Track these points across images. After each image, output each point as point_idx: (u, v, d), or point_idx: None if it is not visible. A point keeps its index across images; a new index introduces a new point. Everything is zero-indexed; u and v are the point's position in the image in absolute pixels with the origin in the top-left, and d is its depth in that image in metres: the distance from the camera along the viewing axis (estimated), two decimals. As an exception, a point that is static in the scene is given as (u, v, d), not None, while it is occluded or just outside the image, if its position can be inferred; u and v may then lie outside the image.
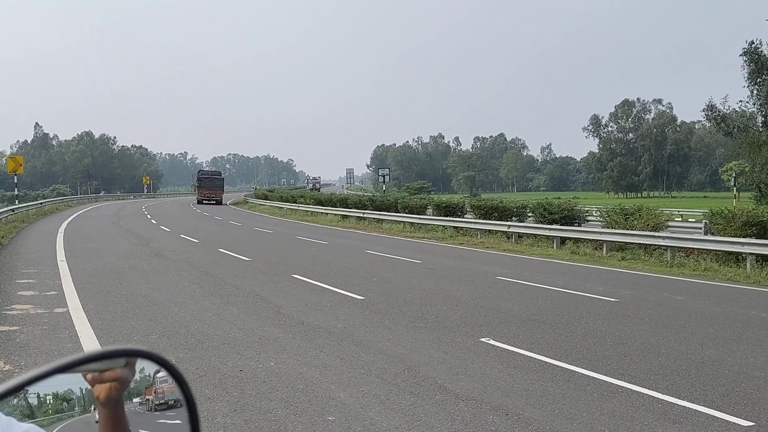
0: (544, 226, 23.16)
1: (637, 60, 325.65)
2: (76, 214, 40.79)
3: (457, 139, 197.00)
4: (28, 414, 1.05)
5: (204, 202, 59.31)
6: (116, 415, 1.04)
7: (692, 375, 6.61)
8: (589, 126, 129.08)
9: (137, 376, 1.08)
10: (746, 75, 40.79)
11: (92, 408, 1.05)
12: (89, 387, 1.03)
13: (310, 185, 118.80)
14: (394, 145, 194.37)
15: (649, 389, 6.05)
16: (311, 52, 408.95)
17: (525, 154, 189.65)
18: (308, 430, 4.90)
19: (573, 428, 5.02)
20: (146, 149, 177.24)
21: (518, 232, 23.78)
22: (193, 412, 1.10)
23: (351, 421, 5.10)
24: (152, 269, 14.50)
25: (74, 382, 1.05)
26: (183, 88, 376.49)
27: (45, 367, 1.00)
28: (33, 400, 1.05)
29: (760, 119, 42.05)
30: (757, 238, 16.46)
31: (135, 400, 1.09)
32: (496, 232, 24.99)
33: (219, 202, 60.32)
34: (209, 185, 61.66)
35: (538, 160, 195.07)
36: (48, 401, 1.05)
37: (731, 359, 7.32)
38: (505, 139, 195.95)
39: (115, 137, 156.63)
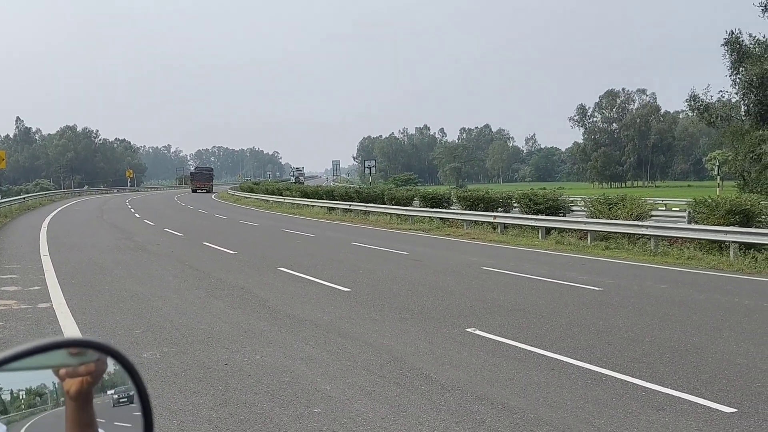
0: (530, 216, 23.24)
1: (621, 50, 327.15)
2: (59, 209, 40.44)
3: (442, 130, 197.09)
4: (1, 410, 1.04)
5: (198, 191, 73.98)
6: (84, 409, 1.03)
7: (675, 362, 6.67)
8: (575, 116, 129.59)
9: (111, 369, 1.07)
10: (728, 64, 41.10)
11: (63, 401, 1.03)
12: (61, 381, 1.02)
13: (292, 178, 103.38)
14: (381, 136, 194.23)
15: (632, 377, 6.11)
16: (296, 45, 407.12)
17: (510, 145, 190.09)
18: (294, 422, 4.89)
19: (557, 416, 5.06)
20: (129, 142, 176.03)
21: (504, 223, 23.85)
22: (146, 405, 1.09)
23: (337, 412, 5.10)
24: (136, 263, 14.41)
25: (47, 377, 1.04)
26: (166, 82, 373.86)
27: None
28: (6, 396, 1.04)
29: (742, 108, 42.41)
30: (740, 227, 16.62)
31: (109, 392, 1.08)
32: (482, 222, 25.05)
33: (210, 190, 75.45)
34: (200, 178, 79.49)
35: (523, 151, 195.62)
36: (21, 397, 1.04)
37: (714, 347, 7.39)
38: (491, 130, 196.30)
39: (97, 131, 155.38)
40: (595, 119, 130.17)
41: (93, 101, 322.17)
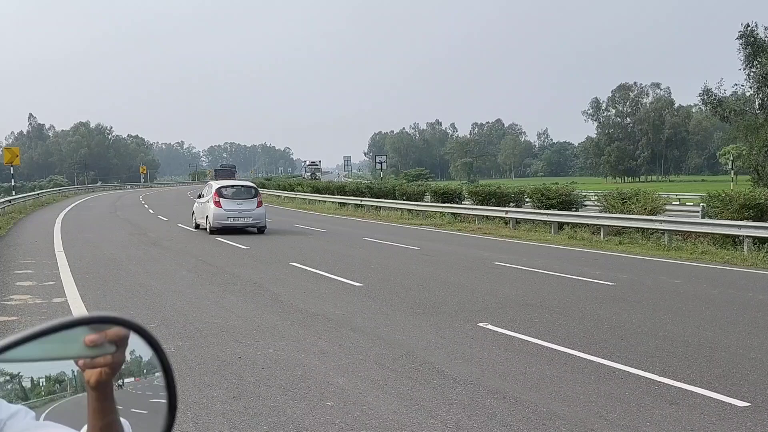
0: (542, 211, 23.17)
1: (635, 44, 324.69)
2: (73, 205, 40.74)
3: (453, 125, 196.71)
4: (22, 396, 1.06)
5: None
6: (105, 398, 1.05)
7: (689, 357, 6.64)
8: (589, 110, 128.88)
9: (128, 358, 1.09)
10: (742, 58, 40.71)
11: (83, 389, 1.05)
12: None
13: (308, 173, 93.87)
14: (392, 132, 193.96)
15: (645, 371, 6.09)
16: (309, 41, 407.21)
17: (522, 139, 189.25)
18: (307, 415, 4.92)
19: (570, 410, 5.05)
20: (142, 139, 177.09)
21: (516, 218, 23.80)
22: (170, 379, 1.11)
23: (349, 406, 5.12)
24: (150, 258, 14.51)
25: (66, 365, 1.06)
26: (179, 79, 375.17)
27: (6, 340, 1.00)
28: (26, 384, 1.06)
29: (757, 102, 42.01)
30: (754, 221, 16.50)
31: (127, 380, 1.10)
32: (494, 218, 25.01)
33: None
34: (224, 174, 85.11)
35: (535, 146, 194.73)
36: (41, 383, 1.06)
37: (727, 341, 7.36)
38: (503, 124, 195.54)
39: (111, 127, 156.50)
40: (608, 113, 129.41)
41: (107, 98, 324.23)
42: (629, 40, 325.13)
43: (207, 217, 20.77)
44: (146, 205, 39.68)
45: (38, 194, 44.89)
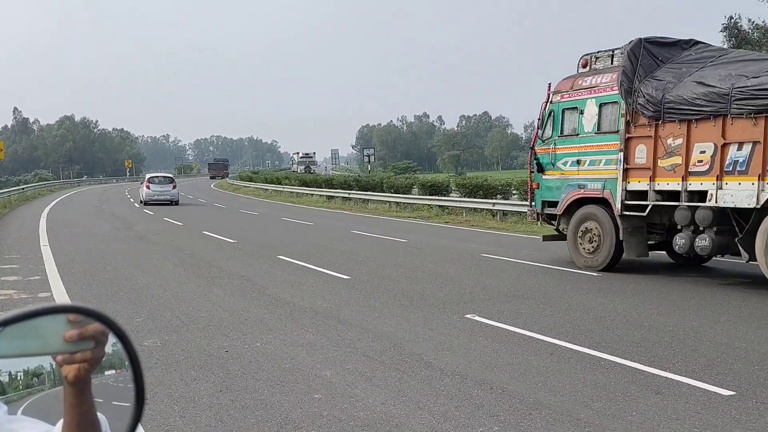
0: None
1: (616, 35, 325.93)
2: (58, 199, 40.43)
3: (441, 118, 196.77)
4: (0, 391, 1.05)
5: (216, 178, 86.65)
6: (83, 393, 1.04)
7: (674, 346, 6.70)
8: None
9: (110, 350, 1.08)
10: (727, 50, 40.95)
11: (60, 384, 1.05)
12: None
13: (302, 165, 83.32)
14: (379, 125, 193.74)
15: (631, 361, 6.13)
16: (295, 33, 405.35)
17: (509, 132, 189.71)
18: (295, 408, 4.92)
19: (556, 400, 5.08)
20: (128, 132, 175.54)
21: (503, 210, 23.87)
22: (138, 371, 1.10)
23: (337, 398, 5.13)
24: (136, 253, 14.43)
25: (45, 360, 1.05)
26: (165, 72, 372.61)
27: None
28: (4, 378, 1.05)
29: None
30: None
31: (107, 373, 1.09)
32: (481, 210, 25.08)
33: (225, 176, 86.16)
34: (217, 167, 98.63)
35: (522, 138, 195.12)
36: (19, 377, 1.05)
37: (713, 330, 7.42)
38: (490, 117, 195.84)
39: (96, 121, 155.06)
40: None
41: (91, 91, 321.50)
42: (615, 31, 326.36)
43: (141, 194, 34.18)
44: (132, 199, 39.43)
45: (23, 189, 44.45)
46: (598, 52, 12.18)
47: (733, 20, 40.81)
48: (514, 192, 26.17)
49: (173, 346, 6.63)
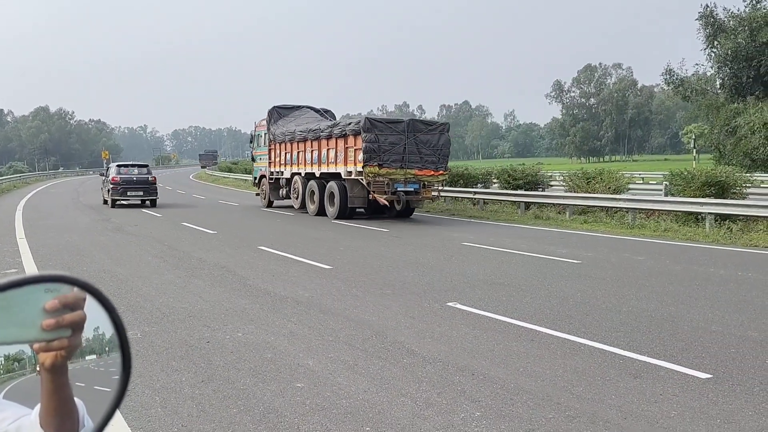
0: (509, 191, 23.38)
1: (598, 24, 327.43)
2: (34, 191, 39.90)
3: (421, 107, 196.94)
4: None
5: (205, 167, 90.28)
6: (60, 380, 1.04)
7: (652, 331, 6.79)
8: (552, 92, 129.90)
9: (91, 335, 1.08)
10: (703, 38, 41.37)
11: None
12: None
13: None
14: (359, 114, 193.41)
15: (610, 346, 6.21)
16: (271, 22, 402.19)
17: (490, 121, 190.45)
18: (277, 397, 4.92)
19: (537, 385, 5.13)
20: (104, 123, 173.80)
21: (484, 199, 23.98)
22: (123, 339, 1.09)
23: (320, 387, 5.13)
24: (114, 245, 14.30)
25: (23, 348, 1.05)
26: (142, 61, 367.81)
27: None
28: (-16, 363, 1.04)
29: (717, 82, 42.80)
30: (715, 198, 16.86)
31: (88, 358, 1.08)
32: (462, 198, 25.17)
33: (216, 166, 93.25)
34: (207, 158, 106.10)
35: (502, 127, 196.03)
36: (0, 362, 1.05)
37: (690, 315, 7.53)
38: (470, 106, 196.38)
39: (73, 112, 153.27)
40: (573, 94, 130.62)
41: (67, 82, 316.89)
42: (595, 21, 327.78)
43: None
44: (110, 191, 38.95)
45: (-2, 181, 43.82)
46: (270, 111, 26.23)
47: (709, 9, 41.16)
48: (494, 181, 26.30)
49: (154, 338, 6.59)
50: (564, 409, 4.64)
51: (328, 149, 21.19)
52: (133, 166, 27.64)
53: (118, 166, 27.22)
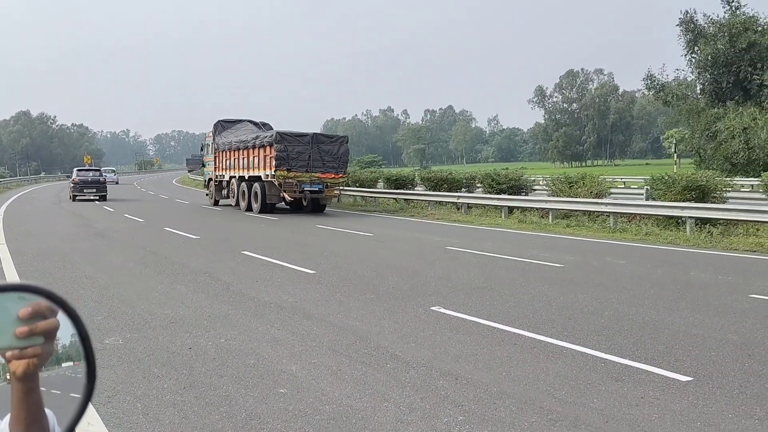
0: (493, 196, 23.49)
1: (579, 30, 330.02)
2: (15, 196, 39.47)
3: (405, 112, 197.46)
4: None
5: (192, 172, 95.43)
6: (31, 389, 1.03)
7: (634, 335, 6.84)
8: (534, 98, 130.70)
9: (67, 342, 1.07)
10: (683, 44, 41.85)
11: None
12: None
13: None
14: (344, 119, 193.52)
15: (592, 349, 6.25)
16: (253, 24, 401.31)
17: (473, 126, 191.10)
18: (260, 403, 4.90)
19: (520, 389, 5.16)
20: (86, 128, 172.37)
21: (468, 203, 24.06)
22: (88, 347, 1.09)
23: (303, 392, 5.12)
24: (96, 251, 14.17)
25: None
26: (124, 65, 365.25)
27: None
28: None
29: (698, 87, 43.29)
30: (696, 202, 17.04)
31: (64, 365, 1.08)
32: (446, 203, 25.24)
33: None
34: (194, 162, 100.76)
35: (486, 132, 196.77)
36: None
37: (671, 318, 7.60)
38: (454, 111, 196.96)
39: (55, 116, 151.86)
40: (555, 99, 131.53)
41: (49, 86, 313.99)
42: (577, 27, 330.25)
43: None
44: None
45: (-23, 186, 43.38)
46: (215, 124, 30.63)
47: (689, 15, 41.63)
48: (478, 185, 26.41)
49: (135, 344, 6.53)
50: (546, 412, 4.66)
51: (253, 157, 25.41)
52: (88, 170, 35.97)
53: (78, 170, 35.20)
